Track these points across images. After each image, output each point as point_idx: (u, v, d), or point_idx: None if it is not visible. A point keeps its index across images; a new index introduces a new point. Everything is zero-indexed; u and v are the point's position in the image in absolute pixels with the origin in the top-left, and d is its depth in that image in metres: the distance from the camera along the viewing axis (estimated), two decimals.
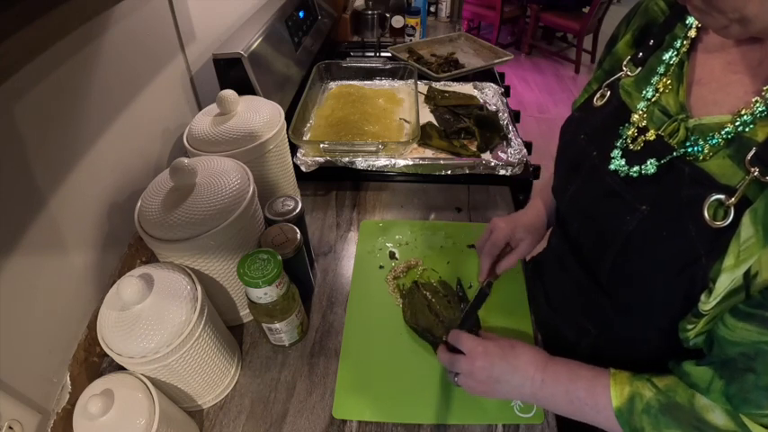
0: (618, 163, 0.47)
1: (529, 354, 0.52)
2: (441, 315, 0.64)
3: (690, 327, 0.41)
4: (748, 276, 0.35)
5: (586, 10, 3.44)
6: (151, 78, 0.73)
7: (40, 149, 0.51)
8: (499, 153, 0.93)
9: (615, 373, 0.47)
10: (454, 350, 0.55)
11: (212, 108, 0.70)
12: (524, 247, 0.67)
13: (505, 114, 1.03)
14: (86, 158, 0.59)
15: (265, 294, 0.54)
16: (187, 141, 0.68)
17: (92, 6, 0.58)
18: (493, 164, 0.89)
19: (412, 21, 1.44)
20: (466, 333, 0.55)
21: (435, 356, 0.62)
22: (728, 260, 0.35)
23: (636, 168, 0.45)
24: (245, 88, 0.83)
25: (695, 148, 0.41)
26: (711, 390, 0.40)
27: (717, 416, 0.40)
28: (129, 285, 0.47)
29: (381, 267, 0.74)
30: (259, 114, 0.69)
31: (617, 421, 0.44)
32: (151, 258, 0.72)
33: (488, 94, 1.13)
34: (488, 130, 0.97)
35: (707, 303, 0.37)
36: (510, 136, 0.96)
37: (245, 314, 0.67)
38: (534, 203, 0.72)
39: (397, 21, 1.43)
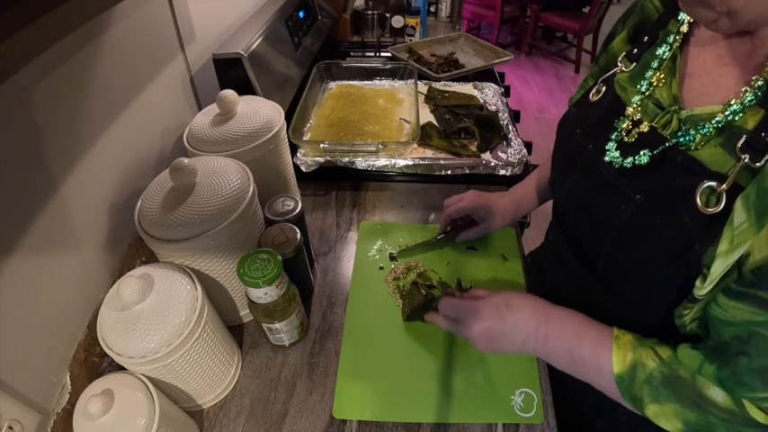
0: (612, 155, 0.48)
1: (527, 307, 0.51)
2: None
3: (686, 312, 0.41)
4: (740, 257, 0.35)
5: (586, 10, 3.44)
6: (151, 78, 0.73)
7: (39, 150, 0.51)
8: (499, 153, 0.93)
9: (618, 336, 0.46)
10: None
11: (212, 108, 0.70)
12: (484, 226, 0.74)
13: (505, 114, 1.03)
14: (86, 159, 0.59)
15: (265, 294, 0.54)
16: (187, 141, 0.68)
17: (92, 6, 0.58)
18: (493, 164, 0.89)
19: (412, 21, 1.44)
20: (456, 299, 0.54)
21: (435, 357, 0.62)
22: (723, 246, 0.36)
23: (630, 159, 0.46)
24: (245, 88, 0.83)
25: (687, 138, 0.42)
26: (703, 374, 0.40)
27: (716, 392, 0.40)
28: (129, 285, 0.47)
29: (381, 268, 0.74)
30: (259, 114, 0.69)
31: (616, 387, 0.44)
32: (151, 258, 0.72)
33: (488, 94, 1.13)
34: (488, 130, 0.97)
35: (702, 289, 0.38)
36: (510, 136, 0.96)
37: (245, 314, 0.67)
38: (518, 188, 0.77)
39: (397, 21, 1.43)
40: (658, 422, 0.43)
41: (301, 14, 1.19)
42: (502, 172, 0.89)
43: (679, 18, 0.48)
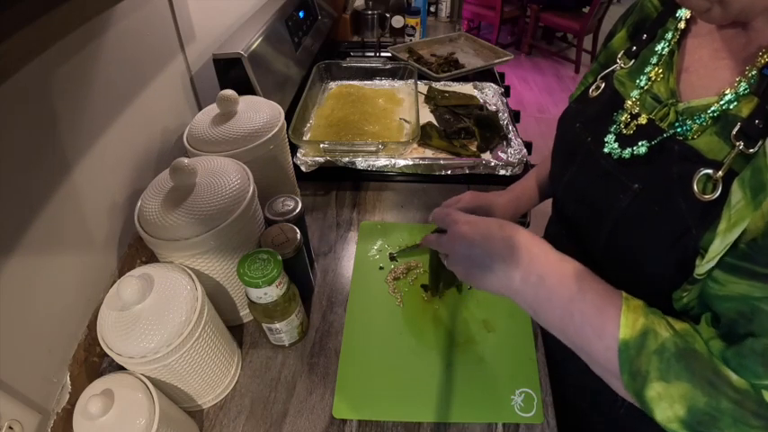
0: (611, 146, 0.49)
1: (525, 239, 0.45)
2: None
3: (684, 295, 0.41)
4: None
5: (586, 10, 3.44)
6: (151, 78, 0.73)
7: (39, 150, 0.51)
8: (499, 153, 0.93)
9: (628, 298, 0.40)
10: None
11: (212, 108, 0.70)
12: None
13: (505, 114, 1.03)
14: (87, 158, 0.59)
15: (265, 294, 0.54)
16: (187, 141, 0.68)
17: (92, 6, 0.58)
18: (493, 164, 0.89)
19: (412, 21, 1.44)
20: (451, 210, 0.50)
21: (435, 356, 0.62)
22: (721, 225, 0.36)
23: (628, 150, 0.47)
24: (245, 88, 0.83)
25: (684, 128, 0.43)
26: (711, 348, 0.38)
27: (731, 371, 0.37)
28: (129, 285, 0.47)
29: (381, 268, 0.74)
30: (259, 114, 0.69)
31: (617, 356, 0.38)
32: (151, 258, 0.72)
33: (488, 94, 1.13)
34: (488, 130, 0.97)
35: (702, 267, 0.38)
36: (510, 136, 0.96)
37: (245, 314, 0.67)
38: (516, 186, 0.75)
39: (397, 21, 1.43)
40: (657, 407, 0.37)
41: (301, 14, 1.19)
42: (502, 172, 0.89)
43: (677, 15, 0.49)
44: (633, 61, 0.52)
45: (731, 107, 0.40)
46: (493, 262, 0.45)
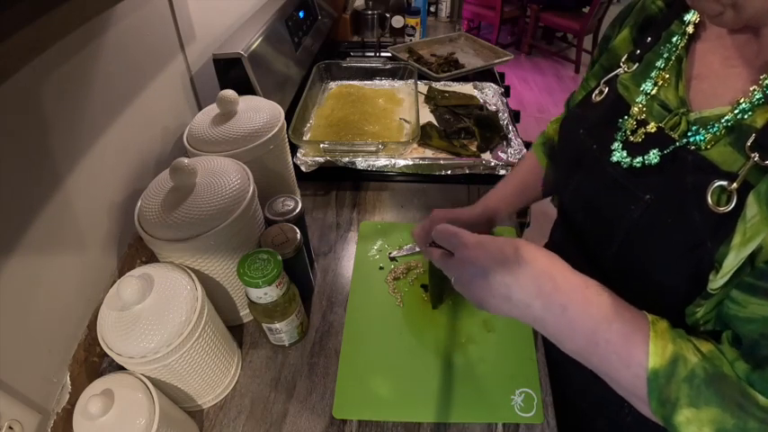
0: (620, 155, 0.47)
1: (543, 263, 0.41)
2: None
3: (698, 310, 0.40)
4: (753, 251, 0.35)
5: (586, 10, 3.44)
6: (151, 78, 0.73)
7: (40, 150, 0.51)
8: (499, 153, 0.93)
9: (655, 322, 0.38)
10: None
11: (212, 108, 0.70)
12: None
13: (505, 114, 1.03)
14: (87, 159, 0.59)
15: (265, 294, 0.54)
16: (187, 141, 0.68)
17: (92, 6, 0.58)
18: (493, 164, 0.89)
19: (412, 21, 1.44)
20: (456, 228, 0.46)
21: (435, 356, 0.62)
22: (736, 239, 0.36)
23: (639, 159, 0.45)
24: (245, 88, 0.83)
25: (697, 138, 0.42)
26: (735, 370, 0.37)
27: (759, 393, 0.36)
28: (129, 285, 0.47)
29: (381, 268, 0.74)
30: (259, 114, 0.69)
31: (646, 385, 0.37)
32: (151, 258, 0.72)
33: (488, 94, 1.14)
34: (488, 130, 0.97)
35: (715, 282, 0.37)
36: (510, 136, 0.96)
37: (245, 314, 0.67)
38: (491, 196, 0.72)
39: (397, 21, 1.43)
40: (685, 430, 0.36)
41: (301, 14, 1.19)
42: (502, 172, 0.89)
43: (684, 19, 0.48)
44: (637, 65, 0.51)
45: (745, 117, 0.39)
46: (509, 290, 0.41)
